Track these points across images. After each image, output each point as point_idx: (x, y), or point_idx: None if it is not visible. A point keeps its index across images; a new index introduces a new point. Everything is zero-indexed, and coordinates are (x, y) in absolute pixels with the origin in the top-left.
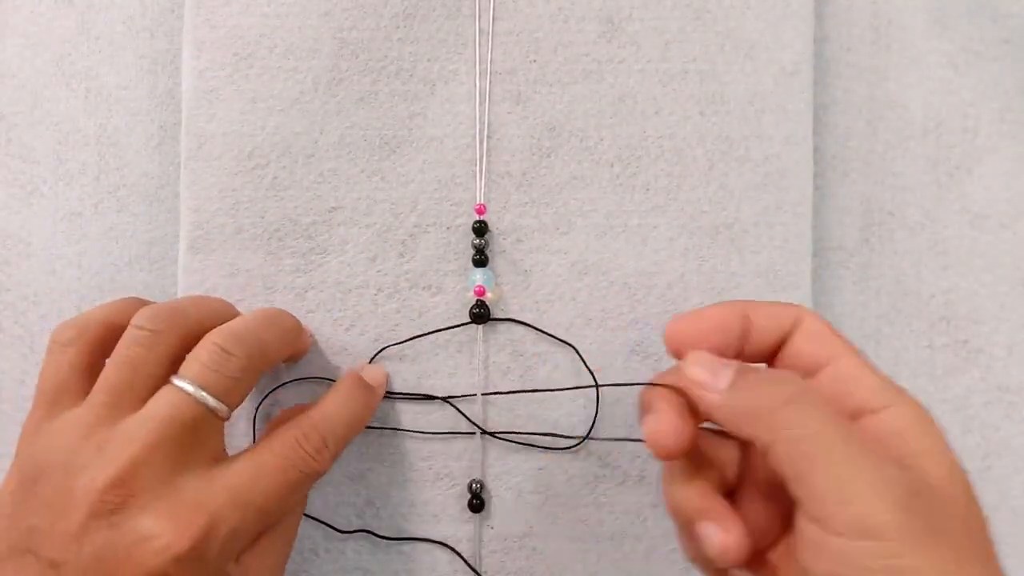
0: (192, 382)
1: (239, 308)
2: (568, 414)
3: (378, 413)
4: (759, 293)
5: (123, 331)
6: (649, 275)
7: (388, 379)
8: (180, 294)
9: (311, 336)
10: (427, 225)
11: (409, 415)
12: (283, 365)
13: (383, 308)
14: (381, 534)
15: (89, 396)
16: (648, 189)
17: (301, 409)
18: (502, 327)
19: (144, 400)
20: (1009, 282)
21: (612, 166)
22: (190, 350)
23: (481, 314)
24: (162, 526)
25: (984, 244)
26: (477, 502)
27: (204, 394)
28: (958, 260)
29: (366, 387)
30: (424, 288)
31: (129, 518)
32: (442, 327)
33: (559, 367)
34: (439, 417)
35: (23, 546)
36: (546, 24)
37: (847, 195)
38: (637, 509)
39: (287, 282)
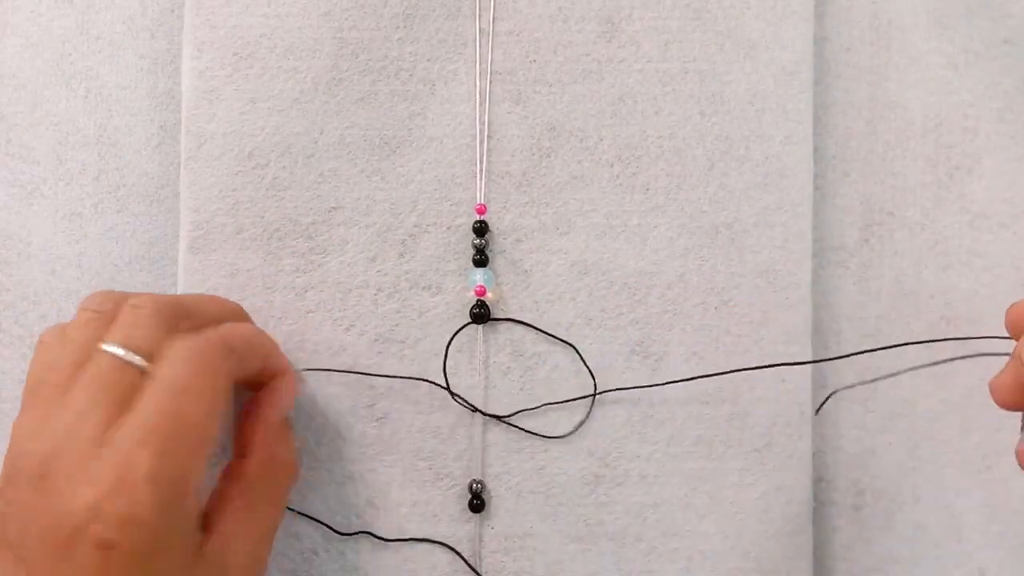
0: (111, 342)
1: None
2: (570, 413)
3: (376, 408)
4: (759, 293)
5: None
6: (649, 275)
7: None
8: (180, 293)
9: (303, 380)
10: (427, 225)
11: (409, 414)
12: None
13: (383, 308)
14: (381, 534)
15: (39, 385)
16: (648, 189)
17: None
18: (502, 327)
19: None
20: (1009, 282)
21: (612, 166)
22: None
23: (481, 314)
24: (84, 483)
25: (984, 244)
26: (477, 502)
27: (122, 350)
28: (958, 260)
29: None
30: (424, 288)
31: (57, 483)
32: (442, 329)
33: (559, 367)
34: (440, 415)
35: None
36: (546, 24)
37: (847, 195)
38: (637, 509)
39: (287, 282)
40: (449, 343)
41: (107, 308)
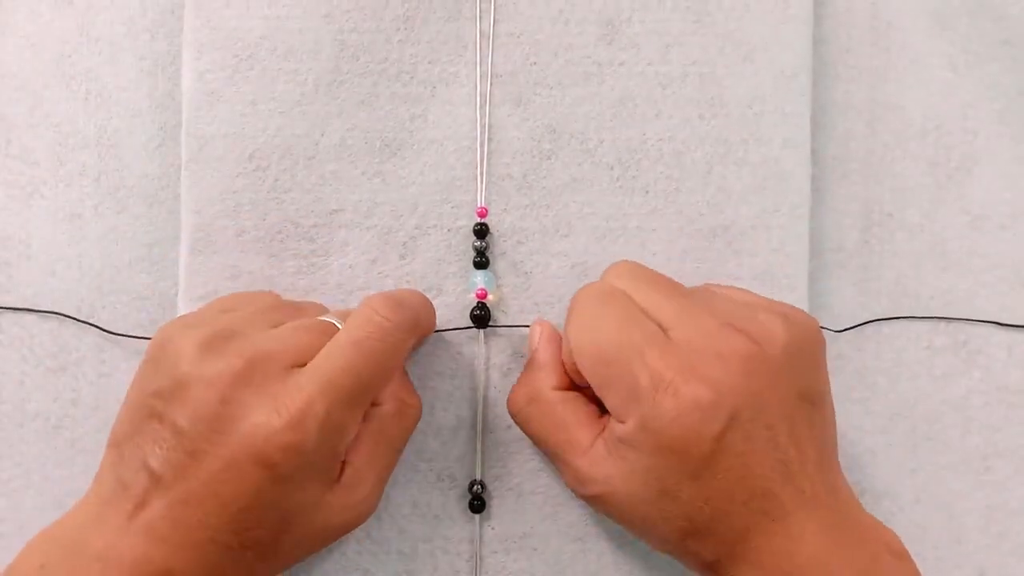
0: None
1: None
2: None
3: None
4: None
5: None
6: None
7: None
8: (181, 296)
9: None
10: (428, 227)
11: None
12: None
13: None
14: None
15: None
16: (647, 191)
17: None
18: (503, 328)
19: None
20: (1009, 282)
21: (612, 168)
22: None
23: (482, 316)
24: (264, 414)
25: (984, 244)
26: (478, 503)
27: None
28: (958, 260)
29: (428, 306)
30: (425, 290)
31: (243, 402)
32: (443, 330)
33: None
34: (440, 416)
35: (154, 412)
36: (546, 27)
37: (847, 196)
38: None
39: (289, 284)
40: None
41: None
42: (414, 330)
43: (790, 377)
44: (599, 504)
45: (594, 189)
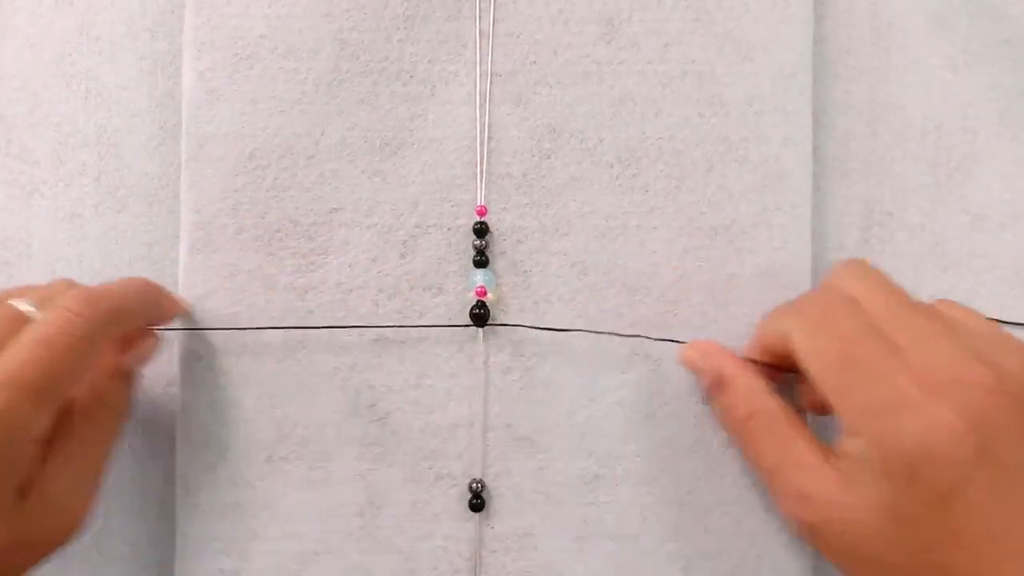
0: (20, 301)
1: (239, 308)
2: (569, 413)
3: (377, 408)
4: (758, 294)
5: None
6: (649, 276)
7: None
8: (181, 295)
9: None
10: (428, 226)
11: (410, 414)
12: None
13: (384, 309)
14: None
15: None
16: (647, 190)
17: None
18: (503, 327)
19: None
20: (1009, 282)
21: (612, 167)
22: None
23: (482, 315)
24: None
25: (984, 244)
26: (478, 502)
27: (21, 303)
28: (958, 260)
29: (158, 284)
30: (425, 289)
31: None
32: (443, 326)
33: (560, 368)
34: (440, 415)
35: None
36: (546, 26)
37: (847, 196)
38: (637, 509)
39: (288, 283)
40: None
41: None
42: (113, 324)
43: None
44: (818, 535)
45: (594, 188)
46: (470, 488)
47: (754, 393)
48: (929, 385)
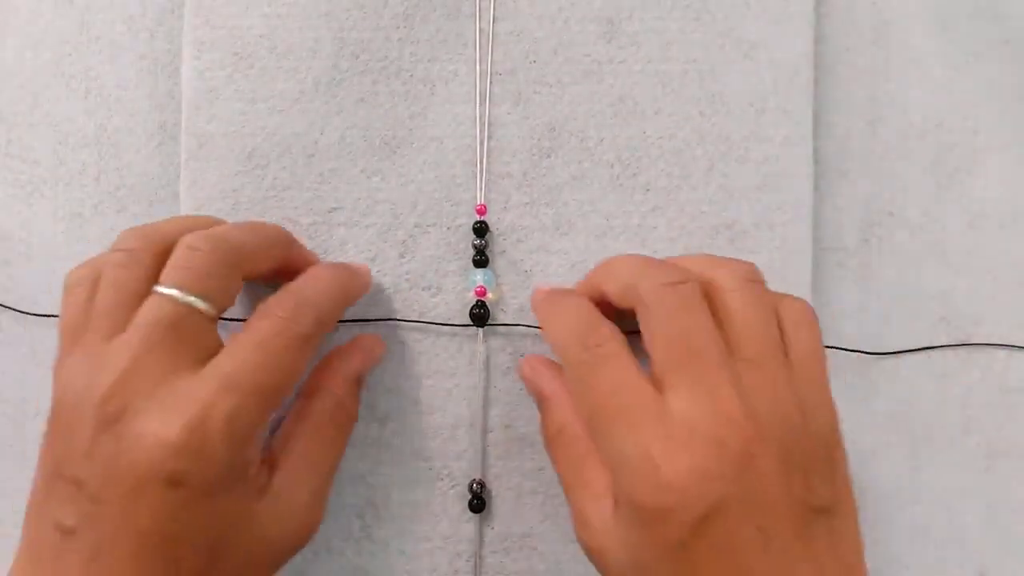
0: (169, 285)
1: (239, 308)
2: None
3: (377, 409)
4: None
5: None
6: None
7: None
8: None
9: (315, 256)
10: (427, 225)
11: (410, 415)
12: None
13: (383, 308)
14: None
15: (89, 326)
16: (648, 189)
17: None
18: (503, 327)
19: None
20: (1009, 282)
21: (612, 166)
22: None
23: (481, 314)
24: (155, 423)
25: (984, 244)
26: (478, 502)
27: (183, 294)
28: (958, 260)
29: (342, 264)
30: (424, 288)
31: (128, 423)
32: (443, 324)
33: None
34: (440, 415)
35: (55, 472)
36: (546, 24)
37: (847, 195)
38: None
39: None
40: None
41: (133, 246)
42: (321, 329)
43: (798, 482)
44: (595, 557)
45: (594, 187)
46: (470, 488)
47: (563, 413)
48: (678, 441)
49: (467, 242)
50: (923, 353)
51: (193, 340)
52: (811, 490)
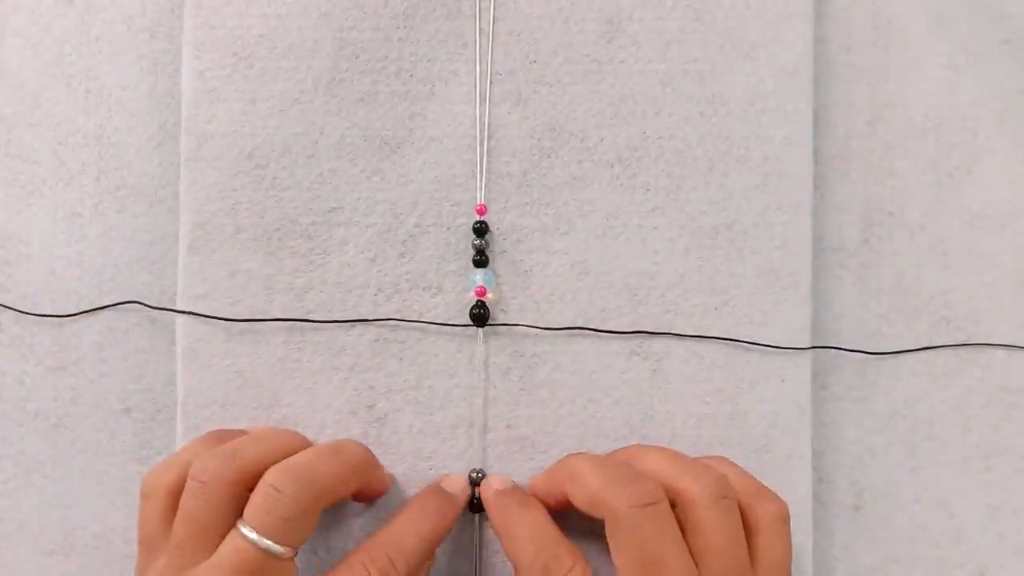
0: (252, 528)
1: (239, 309)
2: (569, 413)
3: (376, 409)
4: (759, 293)
5: None
6: (649, 275)
7: (468, 487)
8: (180, 295)
9: (391, 478)
10: (427, 225)
11: (409, 415)
12: (353, 502)
13: (383, 308)
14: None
15: (168, 549)
16: (648, 189)
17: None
18: (503, 327)
19: (216, 543)
20: (1009, 282)
21: (612, 166)
22: (252, 488)
23: (482, 314)
24: None
25: (984, 244)
26: (477, 501)
27: (262, 539)
28: (958, 260)
29: (441, 496)
30: (424, 288)
31: None
32: (443, 324)
33: (560, 367)
34: (440, 415)
35: None
36: (546, 25)
37: (847, 195)
38: None
39: (287, 282)
40: None
41: (209, 479)
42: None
43: None
44: None
45: (594, 187)
46: (471, 480)
47: None
48: None
49: (467, 242)
50: (923, 353)
51: None
52: None
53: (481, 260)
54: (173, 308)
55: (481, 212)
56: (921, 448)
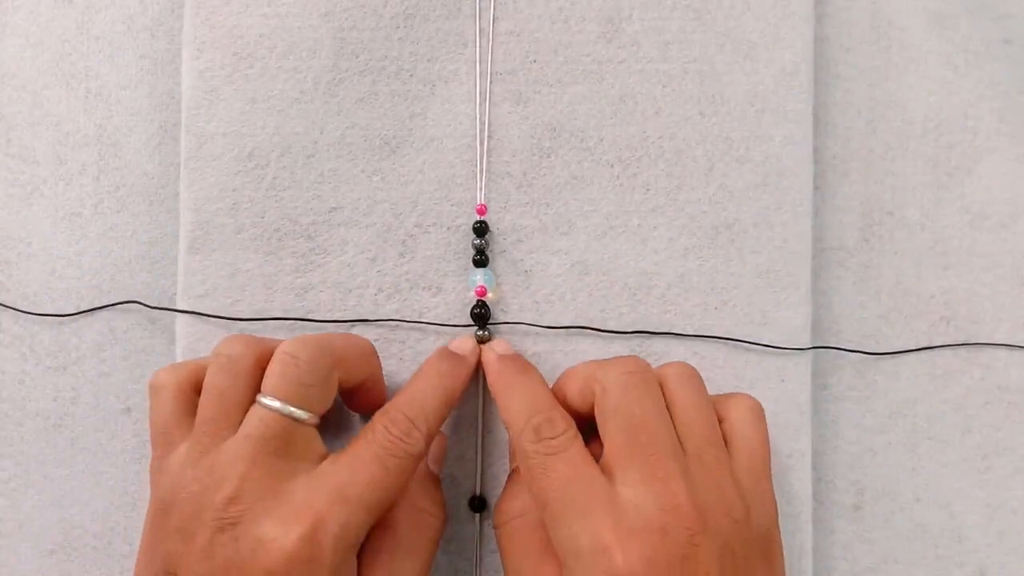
0: (272, 396)
1: (239, 309)
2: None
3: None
4: (759, 293)
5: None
6: (649, 275)
7: (477, 348)
8: (180, 294)
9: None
10: (427, 225)
11: None
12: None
13: (383, 308)
14: None
15: (193, 429)
16: (648, 189)
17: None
18: (503, 327)
19: (239, 421)
20: (1009, 282)
21: (612, 166)
22: None
23: (482, 314)
24: (275, 530)
25: (984, 244)
26: (477, 502)
27: (285, 405)
28: (958, 260)
29: (452, 357)
30: (424, 288)
31: (246, 528)
32: (443, 324)
33: (560, 367)
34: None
35: (167, 569)
36: (546, 24)
37: (847, 195)
38: None
39: (287, 282)
40: None
41: (237, 352)
42: (430, 439)
43: (736, 573)
44: None
45: (594, 187)
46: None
47: (523, 500)
48: (630, 531)
49: (467, 242)
50: (923, 353)
51: (298, 447)
52: None
53: (481, 260)
54: (173, 308)
55: (481, 212)
56: (921, 448)
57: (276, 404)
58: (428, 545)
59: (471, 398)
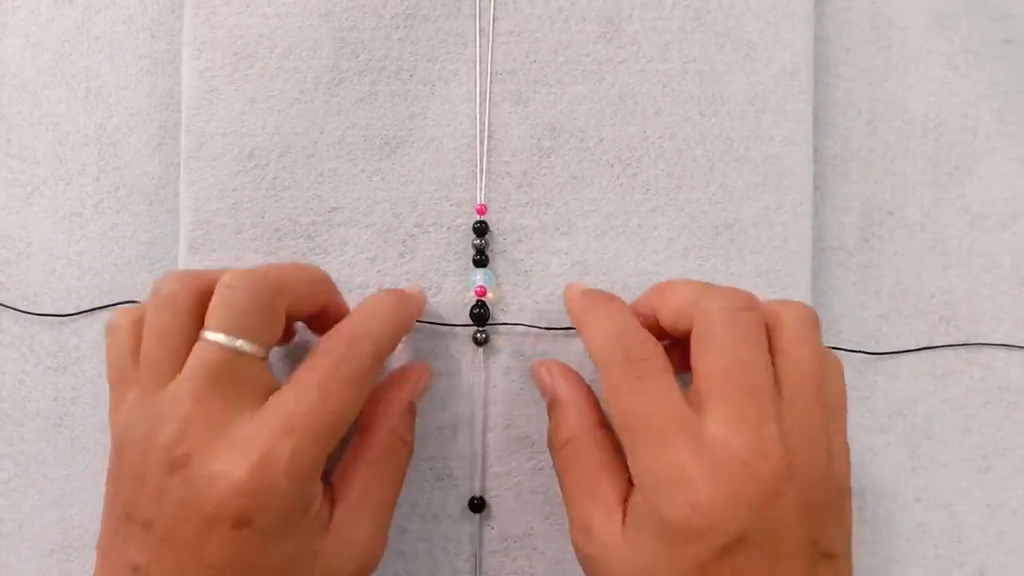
0: (214, 329)
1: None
2: None
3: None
4: (759, 293)
5: None
6: (649, 275)
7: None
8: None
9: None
10: (427, 225)
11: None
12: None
13: None
14: None
15: (138, 374)
16: (648, 189)
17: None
18: (502, 327)
19: (183, 359)
20: (1009, 282)
21: (612, 166)
22: None
23: (482, 314)
24: (224, 464)
25: (984, 244)
26: (477, 502)
27: (229, 338)
28: (958, 260)
29: (398, 291)
30: (424, 288)
31: (196, 468)
32: (443, 324)
33: None
34: (440, 415)
35: (124, 514)
36: (546, 24)
37: (847, 195)
38: None
39: None
40: None
41: (175, 288)
42: (378, 363)
43: (813, 524)
44: (591, 565)
45: (594, 187)
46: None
47: (578, 421)
48: (714, 464)
49: (467, 242)
50: (923, 353)
51: (245, 381)
52: (822, 535)
53: (481, 260)
54: None
55: (481, 212)
56: (921, 448)
57: (219, 337)
58: (400, 474)
59: (471, 398)
